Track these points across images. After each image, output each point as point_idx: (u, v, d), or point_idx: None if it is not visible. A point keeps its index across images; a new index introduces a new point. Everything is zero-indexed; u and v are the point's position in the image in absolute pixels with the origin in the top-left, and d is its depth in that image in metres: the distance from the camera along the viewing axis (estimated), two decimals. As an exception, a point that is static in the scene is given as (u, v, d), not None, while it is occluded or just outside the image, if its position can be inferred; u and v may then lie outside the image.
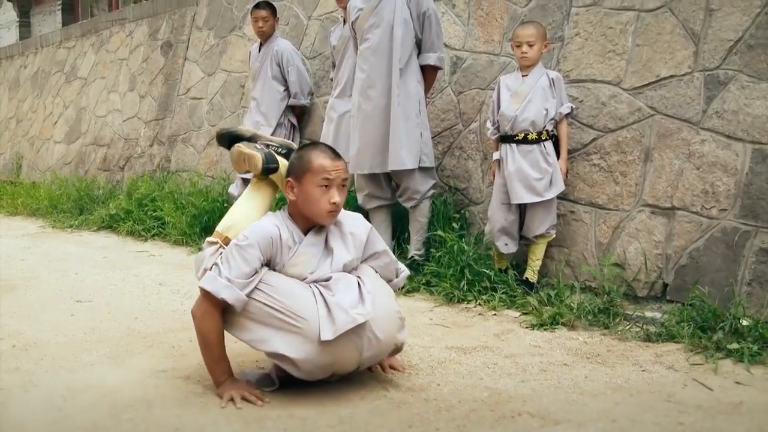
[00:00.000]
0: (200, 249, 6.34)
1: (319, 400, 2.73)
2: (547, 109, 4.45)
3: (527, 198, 4.43)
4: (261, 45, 6.52)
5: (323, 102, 6.50)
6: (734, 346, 3.30)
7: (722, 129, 4.08)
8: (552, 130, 4.51)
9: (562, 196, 4.65)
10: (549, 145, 4.47)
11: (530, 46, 4.48)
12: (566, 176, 4.53)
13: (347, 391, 2.75)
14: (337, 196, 2.85)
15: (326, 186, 2.84)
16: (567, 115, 4.52)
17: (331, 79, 5.95)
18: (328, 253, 2.93)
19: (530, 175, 4.42)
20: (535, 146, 4.45)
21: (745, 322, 3.45)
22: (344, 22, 5.65)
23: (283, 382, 2.87)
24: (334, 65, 5.87)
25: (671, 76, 4.36)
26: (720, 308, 3.60)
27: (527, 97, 4.48)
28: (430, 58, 4.99)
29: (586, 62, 4.78)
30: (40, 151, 12.07)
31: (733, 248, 3.89)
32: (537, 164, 4.44)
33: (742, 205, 3.91)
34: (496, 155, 4.63)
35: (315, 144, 3.05)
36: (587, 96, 4.72)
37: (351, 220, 3.05)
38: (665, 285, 4.15)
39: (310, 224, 2.94)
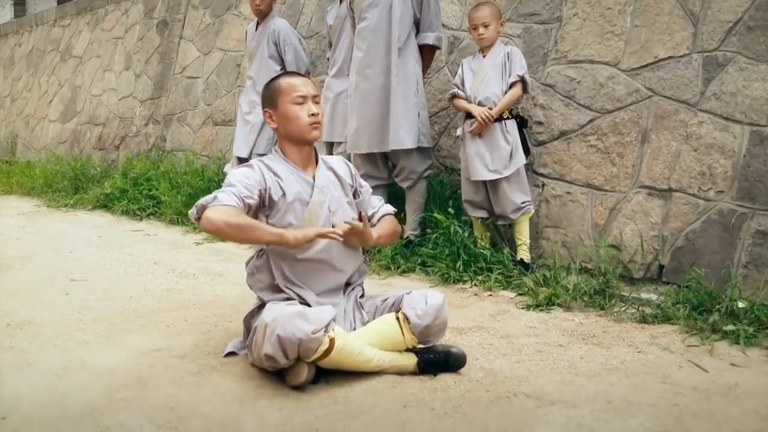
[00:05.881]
0: (195, 229, 6.35)
1: (314, 378, 2.72)
2: (504, 86, 4.52)
3: (486, 175, 4.49)
4: (258, 24, 6.46)
5: (320, 81, 6.46)
6: (730, 328, 3.30)
7: (720, 111, 4.06)
8: (515, 108, 4.58)
9: (558, 177, 4.64)
10: (510, 123, 4.53)
11: (485, 26, 4.55)
12: (486, 120, 4.47)
13: (343, 371, 2.75)
14: (314, 108, 2.97)
15: (301, 102, 2.95)
16: (517, 83, 4.50)
17: (328, 59, 5.92)
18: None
19: (489, 152, 4.49)
20: (496, 124, 4.49)
21: (741, 304, 3.45)
22: (340, 1, 5.60)
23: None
24: (330, 45, 5.83)
25: (669, 58, 4.33)
26: (716, 290, 3.60)
27: (487, 75, 4.54)
28: (429, 38, 4.97)
29: (584, 43, 4.75)
30: (35, 130, 12.02)
31: (729, 230, 3.89)
32: (497, 142, 4.49)
33: (739, 188, 3.90)
34: (458, 131, 4.71)
35: (279, 74, 3.19)
36: (585, 77, 4.70)
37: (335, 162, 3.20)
38: (661, 267, 4.15)
39: (301, 155, 3.03)
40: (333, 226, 2.90)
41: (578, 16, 4.82)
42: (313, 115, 2.95)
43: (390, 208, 3.28)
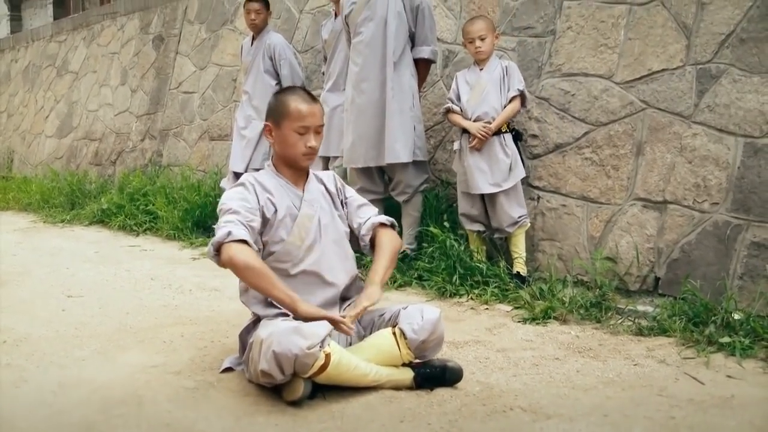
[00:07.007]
0: (192, 244, 6.35)
1: (311, 394, 2.71)
2: (502, 100, 4.54)
3: (486, 188, 4.50)
4: (253, 38, 6.49)
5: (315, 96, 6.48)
6: (726, 339, 3.31)
7: (714, 123, 4.08)
8: (512, 122, 4.60)
9: (553, 190, 4.65)
10: (508, 137, 4.55)
11: (482, 39, 4.57)
12: (485, 135, 4.48)
13: (339, 386, 2.74)
14: (313, 141, 2.98)
15: (303, 132, 2.96)
16: (516, 97, 4.54)
17: (323, 73, 5.94)
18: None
19: (489, 166, 4.50)
20: (494, 138, 4.51)
21: (736, 316, 3.46)
22: (335, 15, 5.63)
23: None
24: (325, 59, 5.85)
25: (663, 70, 4.35)
26: (712, 302, 3.60)
27: (485, 89, 4.56)
28: (424, 52, 4.99)
29: (578, 56, 4.77)
30: (32, 145, 12.02)
31: (724, 242, 3.89)
32: (496, 156, 4.51)
33: (734, 199, 3.92)
34: (456, 145, 4.71)
35: (293, 89, 3.15)
36: (579, 90, 4.72)
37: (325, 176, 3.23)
38: (657, 279, 4.16)
39: (293, 173, 3.06)
40: (343, 317, 2.84)
41: (572, 29, 4.84)
42: (310, 147, 2.96)
43: (380, 219, 3.20)
